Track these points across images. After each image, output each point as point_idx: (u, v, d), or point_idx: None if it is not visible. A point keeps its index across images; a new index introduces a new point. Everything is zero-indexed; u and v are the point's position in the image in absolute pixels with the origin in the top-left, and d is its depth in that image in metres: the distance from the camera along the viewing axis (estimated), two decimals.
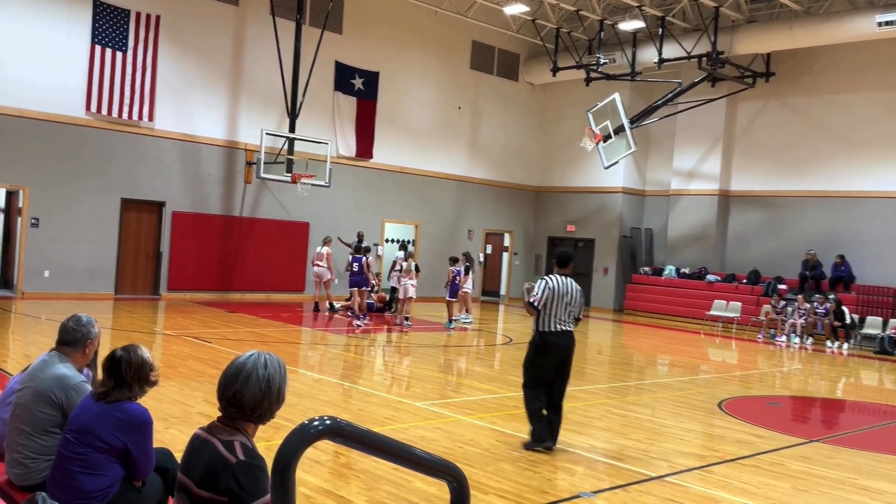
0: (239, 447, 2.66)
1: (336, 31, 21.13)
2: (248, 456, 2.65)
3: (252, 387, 2.66)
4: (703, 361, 15.22)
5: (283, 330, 14.73)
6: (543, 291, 7.09)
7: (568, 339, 7.20)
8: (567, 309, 7.14)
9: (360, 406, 8.39)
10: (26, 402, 3.88)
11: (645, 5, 20.57)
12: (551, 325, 7.12)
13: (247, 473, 2.61)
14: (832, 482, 6.58)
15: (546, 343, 7.16)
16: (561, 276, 7.21)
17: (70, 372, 3.94)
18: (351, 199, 21.87)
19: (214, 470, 2.63)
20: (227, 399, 2.69)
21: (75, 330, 4.07)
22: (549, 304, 7.08)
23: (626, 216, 24.92)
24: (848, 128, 20.91)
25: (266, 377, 2.68)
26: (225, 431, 2.71)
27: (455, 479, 2.41)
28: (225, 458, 2.63)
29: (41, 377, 3.91)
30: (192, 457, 2.76)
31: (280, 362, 2.76)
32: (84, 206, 17.40)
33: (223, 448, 2.66)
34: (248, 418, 2.71)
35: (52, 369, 3.93)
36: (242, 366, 2.68)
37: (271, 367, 2.70)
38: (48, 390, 3.86)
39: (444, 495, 5.17)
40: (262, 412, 2.71)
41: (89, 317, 4.17)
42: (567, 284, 7.17)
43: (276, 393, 2.71)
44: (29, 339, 11.49)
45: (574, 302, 7.19)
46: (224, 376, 2.70)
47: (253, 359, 2.71)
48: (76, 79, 17.08)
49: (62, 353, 4.04)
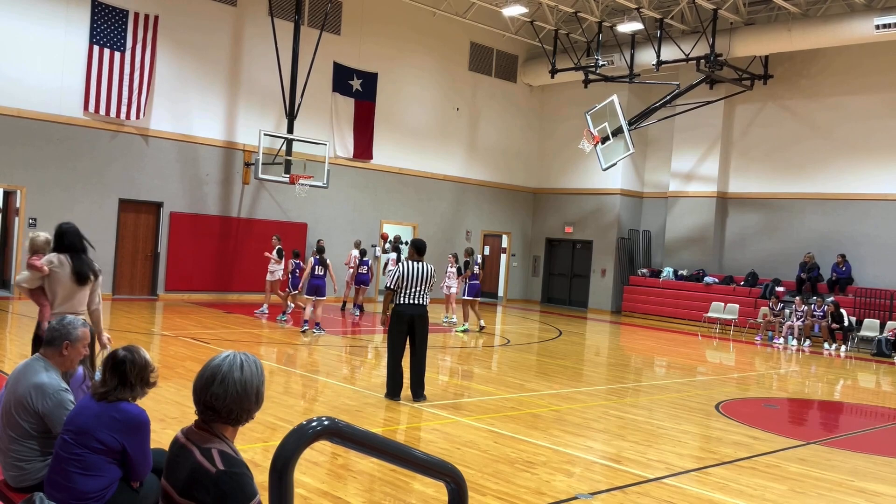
0: (217, 455, 2.58)
1: (334, 31, 21.14)
2: (228, 464, 2.56)
3: (229, 390, 2.57)
4: (701, 363, 15.23)
5: (280, 331, 14.72)
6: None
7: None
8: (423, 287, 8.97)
9: (358, 407, 8.38)
10: (9, 408, 3.87)
11: (643, 7, 20.60)
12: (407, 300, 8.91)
13: (229, 483, 2.53)
14: (829, 484, 6.58)
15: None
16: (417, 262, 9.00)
17: (49, 380, 3.88)
18: (349, 199, 21.87)
19: (195, 479, 2.56)
20: (203, 403, 2.61)
21: (56, 329, 4.04)
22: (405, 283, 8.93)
23: (624, 218, 24.94)
24: (846, 130, 20.94)
25: (242, 380, 2.59)
26: (201, 437, 2.63)
27: (453, 480, 2.41)
28: (205, 468, 2.55)
29: (21, 383, 3.88)
30: (172, 462, 2.69)
31: (257, 363, 2.67)
32: (82, 207, 17.38)
33: (201, 456, 2.58)
34: (226, 421, 2.64)
35: (32, 376, 3.89)
36: (217, 368, 2.59)
37: (247, 369, 2.61)
38: (25, 397, 3.83)
39: (441, 496, 5.17)
40: (240, 414, 2.63)
41: (75, 318, 4.14)
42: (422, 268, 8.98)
43: (253, 395, 2.63)
44: (26, 340, 11.45)
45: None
46: (199, 379, 2.61)
47: (228, 360, 2.61)
48: (74, 79, 17.06)
49: (45, 356, 4.01)
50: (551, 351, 14.86)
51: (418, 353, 8.86)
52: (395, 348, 8.86)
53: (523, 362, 13.38)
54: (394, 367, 8.83)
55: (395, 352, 8.85)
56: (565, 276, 26.54)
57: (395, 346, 8.86)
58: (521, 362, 13.37)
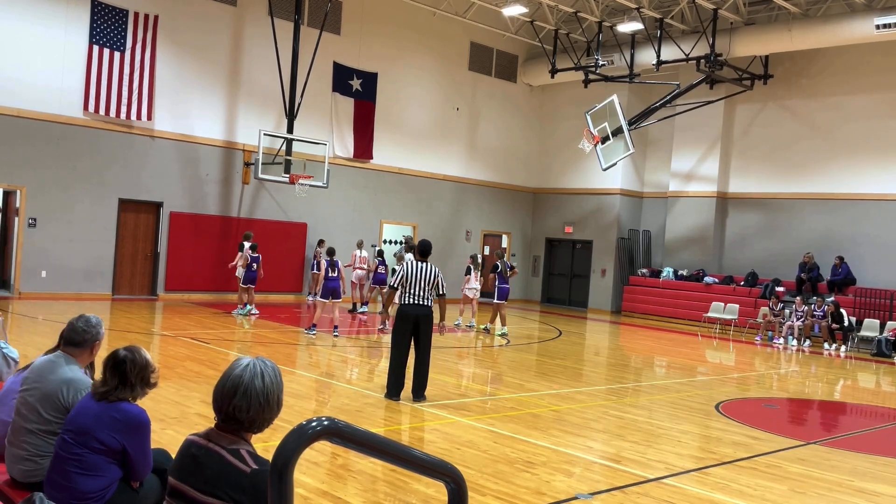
0: (247, 455, 2.63)
1: (334, 31, 21.13)
2: (260, 463, 2.62)
3: (252, 402, 2.60)
4: (701, 363, 15.23)
5: (280, 331, 14.73)
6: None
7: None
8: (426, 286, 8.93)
9: (358, 407, 8.38)
10: (34, 403, 3.86)
11: (643, 7, 20.59)
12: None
13: (265, 481, 2.57)
14: (829, 484, 6.58)
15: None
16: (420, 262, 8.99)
17: (79, 375, 3.93)
18: (349, 199, 21.87)
19: (225, 478, 2.59)
20: (225, 413, 2.64)
21: (85, 331, 4.05)
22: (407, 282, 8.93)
23: (624, 218, 24.93)
24: (846, 130, 20.94)
25: (265, 391, 2.62)
26: (227, 439, 2.67)
27: (453, 480, 2.40)
28: (237, 468, 2.59)
29: (50, 378, 3.89)
30: (190, 463, 2.70)
31: (275, 369, 2.70)
32: (81, 207, 17.38)
33: (231, 457, 2.62)
34: (248, 430, 2.69)
35: (61, 371, 3.91)
36: (239, 379, 2.61)
37: (268, 379, 2.64)
38: (56, 393, 3.84)
39: (441, 497, 5.17)
40: (262, 424, 2.68)
41: (98, 318, 4.17)
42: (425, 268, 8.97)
43: (275, 404, 2.67)
44: (26, 340, 11.47)
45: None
46: (220, 390, 2.63)
47: (250, 370, 2.63)
48: (74, 79, 17.06)
49: (69, 354, 4.02)
50: (551, 351, 14.87)
51: (422, 354, 8.85)
52: (398, 348, 8.82)
53: (523, 362, 13.39)
54: (396, 367, 8.82)
55: (398, 352, 8.81)
56: (565, 276, 26.54)
57: (398, 346, 8.83)
58: (521, 362, 13.38)
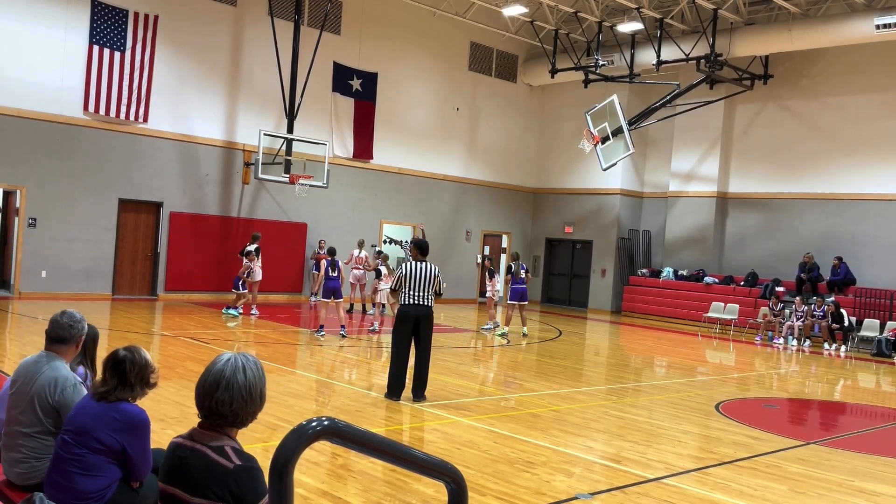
0: (231, 452, 2.63)
1: (334, 31, 21.13)
2: (244, 459, 2.62)
3: (234, 395, 2.59)
4: (701, 363, 15.23)
5: (280, 331, 14.73)
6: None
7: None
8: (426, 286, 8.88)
9: (358, 407, 8.38)
10: (24, 404, 3.86)
11: (643, 7, 20.59)
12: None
13: (247, 477, 2.59)
14: (829, 484, 6.58)
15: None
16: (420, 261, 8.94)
17: (63, 372, 3.92)
18: (349, 199, 21.87)
19: (211, 477, 2.59)
20: (208, 408, 2.63)
21: (71, 326, 4.07)
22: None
23: (624, 218, 24.93)
24: (846, 130, 20.94)
25: (247, 384, 2.61)
26: (210, 437, 2.66)
27: (453, 480, 2.40)
28: (222, 465, 2.59)
29: (36, 379, 3.89)
30: (177, 465, 2.70)
31: (257, 363, 2.68)
32: (81, 206, 17.38)
33: (216, 454, 2.61)
34: (231, 424, 2.67)
35: (46, 370, 3.90)
36: (221, 373, 2.60)
37: (250, 372, 2.63)
38: (43, 393, 3.84)
39: (441, 497, 5.17)
40: (245, 418, 2.67)
41: (80, 313, 4.19)
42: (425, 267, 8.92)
43: (258, 397, 2.66)
44: (26, 340, 11.47)
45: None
46: (203, 385, 2.62)
47: (231, 364, 2.63)
48: (74, 78, 17.06)
49: (53, 352, 4.02)
50: (551, 351, 14.86)
51: (422, 354, 8.83)
52: (398, 348, 8.80)
53: (523, 362, 13.39)
54: (397, 367, 8.80)
55: (399, 352, 8.80)
56: (565, 276, 26.54)
57: (399, 346, 8.81)
58: (521, 362, 13.38)
